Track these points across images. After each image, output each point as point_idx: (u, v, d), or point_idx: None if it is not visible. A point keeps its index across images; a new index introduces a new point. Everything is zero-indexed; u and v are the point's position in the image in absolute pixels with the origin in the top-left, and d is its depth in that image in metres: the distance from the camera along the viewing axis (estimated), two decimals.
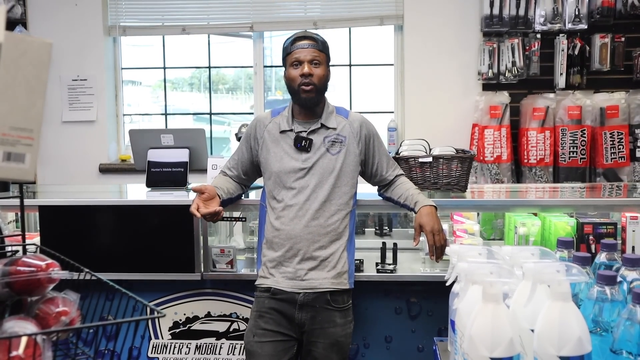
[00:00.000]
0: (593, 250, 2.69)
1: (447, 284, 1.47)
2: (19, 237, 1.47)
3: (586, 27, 4.46)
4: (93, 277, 1.27)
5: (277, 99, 5.36)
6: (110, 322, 1.00)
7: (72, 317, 1.11)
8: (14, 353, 0.95)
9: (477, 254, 1.43)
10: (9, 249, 1.48)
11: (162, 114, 5.32)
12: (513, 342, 1.18)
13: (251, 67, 5.16)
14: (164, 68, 5.28)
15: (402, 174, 2.72)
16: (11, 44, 0.90)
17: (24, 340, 0.98)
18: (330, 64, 2.60)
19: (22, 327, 1.04)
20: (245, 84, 5.45)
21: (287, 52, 2.56)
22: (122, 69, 5.23)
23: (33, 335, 0.98)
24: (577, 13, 4.45)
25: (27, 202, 2.96)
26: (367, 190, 2.80)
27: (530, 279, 1.25)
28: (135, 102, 5.38)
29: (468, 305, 1.29)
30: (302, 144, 2.53)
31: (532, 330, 1.23)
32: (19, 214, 3.00)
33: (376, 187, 2.78)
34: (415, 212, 2.58)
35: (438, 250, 2.51)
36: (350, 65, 5.08)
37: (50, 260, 1.16)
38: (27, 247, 1.46)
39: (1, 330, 1.02)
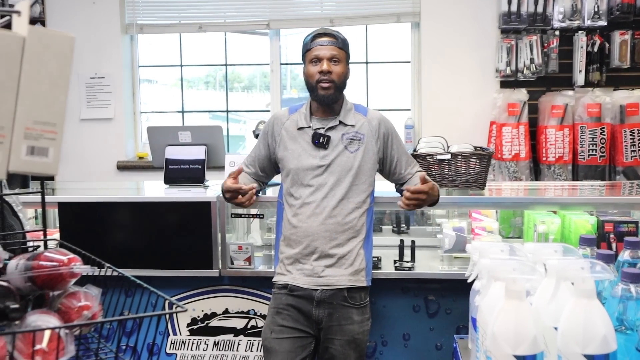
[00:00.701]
0: (614, 249, 2.66)
1: (469, 280, 1.45)
2: (40, 233, 1.48)
3: (606, 23, 4.41)
4: (115, 273, 1.27)
5: (292, 97, 5.36)
6: (132, 317, 1.00)
7: (94, 311, 1.12)
8: (37, 346, 0.96)
9: (499, 250, 1.42)
10: (31, 244, 1.50)
11: (178, 112, 5.34)
12: (537, 340, 1.17)
13: (267, 64, 5.16)
14: (181, 66, 5.29)
15: (420, 171, 2.70)
16: (34, 38, 0.91)
17: (47, 333, 0.98)
18: (349, 61, 2.59)
19: (45, 321, 1.04)
20: (261, 82, 5.45)
21: (306, 48, 2.55)
22: (139, 66, 5.25)
23: (56, 329, 0.98)
24: (596, 9, 4.40)
25: (46, 198, 2.97)
26: (384, 188, 2.79)
27: (553, 276, 1.24)
28: (152, 100, 5.40)
29: (490, 303, 1.27)
30: (320, 141, 2.53)
31: (556, 328, 1.21)
32: (40, 210, 3.03)
33: (394, 184, 2.77)
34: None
35: (413, 196, 2.51)
36: (367, 63, 5.06)
37: (72, 255, 1.17)
38: (48, 242, 1.47)
39: (24, 324, 1.03)
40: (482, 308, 1.31)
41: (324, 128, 2.55)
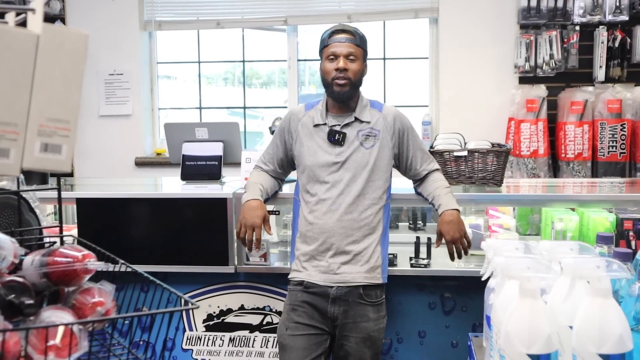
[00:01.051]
0: (633, 247, 2.63)
1: (483, 278, 1.44)
2: (57, 229, 1.49)
3: (627, 18, 4.36)
4: (128, 269, 1.28)
5: (310, 93, 5.36)
6: (144, 313, 1.01)
7: (107, 307, 1.12)
8: (51, 342, 0.97)
9: (513, 248, 1.41)
10: (47, 240, 1.51)
11: (196, 108, 5.36)
12: (551, 339, 1.16)
13: (285, 61, 5.16)
14: (199, 62, 5.31)
15: (437, 169, 2.69)
16: (49, 35, 0.91)
17: (60, 329, 0.99)
18: (367, 58, 2.58)
19: (59, 316, 1.05)
20: (279, 78, 5.45)
21: (324, 44, 2.55)
22: (158, 63, 5.28)
23: (69, 325, 0.99)
24: (617, 4, 4.34)
25: (64, 194, 3.00)
26: (401, 185, 2.78)
27: (569, 275, 1.22)
28: (171, 96, 5.43)
29: (504, 301, 1.27)
30: (336, 138, 2.52)
31: (571, 327, 1.20)
32: (57, 206, 3.05)
33: (411, 181, 2.76)
34: (439, 215, 2.56)
35: (459, 254, 2.53)
36: (384, 59, 5.05)
37: (86, 252, 1.17)
38: (64, 238, 1.48)
39: (39, 319, 1.04)
40: (496, 306, 1.30)
41: (339, 125, 2.54)
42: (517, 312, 1.18)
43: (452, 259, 2.53)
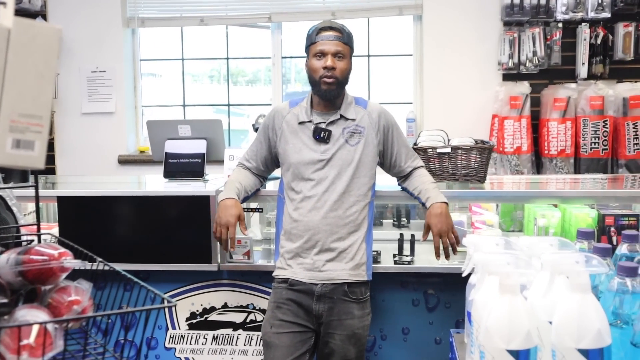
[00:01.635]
0: (614, 243, 2.64)
1: (464, 274, 1.44)
2: (35, 227, 1.47)
3: (609, 15, 4.38)
4: (106, 267, 1.27)
5: (296, 90, 5.34)
6: (120, 312, 0.99)
7: (84, 306, 1.11)
8: (24, 341, 0.95)
9: (494, 244, 1.41)
10: (25, 238, 1.49)
11: (180, 106, 5.33)
12: (530, 334, 1.16)
13: (269, 58, 5.14)
14: (182, 60, 5.28)
15: (422, 166, 2.69)
16: (20, 29, 0.90)
17: (35, 328, 0.98)
18: (353, 56, 2.58)
19: (33, 315, 1.03)
20: (265, 76, 5.43)
21: (311, 41, 2.53)
22: (141, 60, 5.25)
23: (43, 324, 0.97)
24: (600, 1, 4.37)
25: (46, 192, 2.98)
26: (385, 182, 2.78)
27: (548, 270, 1.23)
28: (156, 94, 5.39)
29: (484, 297, 1.27)
30: (322, 136, 2.51)
31: (550, 323, 1.20)
32: (35, 203, 3.02)
33: (395, 178, 2.76)
34: (426, 208, 2.55)
35: (446, 250, 2.49)
36: (368, 56, 5.05)
37: (63, 249, 1.16)
38: (42, 236, 1.47)
39: (13, 318, 1.02)
40: (477, 302, 1.30)
41: (325, 122, 2.53)
42: (497, 308, 1.18)
43: (438, 254, 2.48)
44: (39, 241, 1.45)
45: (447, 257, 2.50)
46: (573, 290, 1.16)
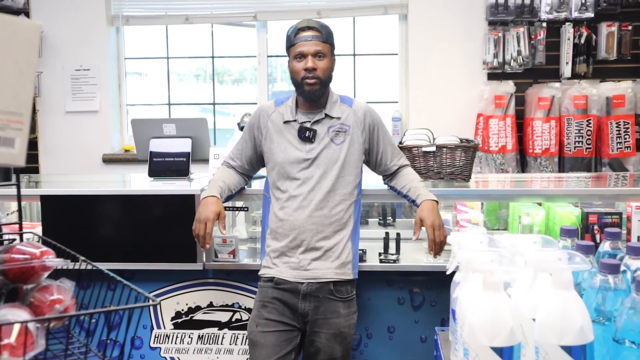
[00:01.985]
0: (598, 240, 2.66)
1: (448, 272, 1.45)
2: (17, 226, 1.46)
3: (593, 15, 4.42)
4: (89, 266, 1.26)
5: (282, 89, 5.33)
6: (101, 310, 0.99)
7: (66, 305, 1.10)
8: (5, 341, 0.94)
9: (478, 242, 1.41)
10: (6, 237, 1.48)
11: (166, 104, 5.31)
12: (514, 331, 1.17)
13: (254, 57, 5.13)
14: (167, 58, 5.26)
15: (408, 165, 2.70)
16: (0, 25, 0.89)
17: (16, 327, 0.97)
18: (334, 52, 2.57)
19: (15, 315, 1.02)
20: (252, 75, 5.42)
21: (290, 43, 2.52)
22: (126, 58, 5.22)
23: (24, 323, 0.96)
24: (583, 1, 4.41)
25: (29, 192, 2.96)
26: (371, 180, 2.78)
27: (531, 268, 1.23)
28: (141, 93, 5.36)
29: (468, 294, 1.27)
30: (307, 135, 2.51)
31: (534, 320, 1.21)
32: (24, 203, 2.99)
33: (381, 177, 2.76)
34: (417, 206, 2.55)
35: (437, 246, 2.49)
36: (354, 55, 5.05)
37: (44, 248, 1.15)
38: (24, 235, 1.45)
39: None
40: (461, 300, 1.31)
41: (310, 121, 2.53)
42: (481, 305, 1.19)
43: (432, 248, 2.47)
44: (21, 240, 1.44)
45: (437, 253, 2.50)
46: (556, 288, 1.17)
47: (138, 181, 3.53)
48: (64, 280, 1.18)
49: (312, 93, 2.49)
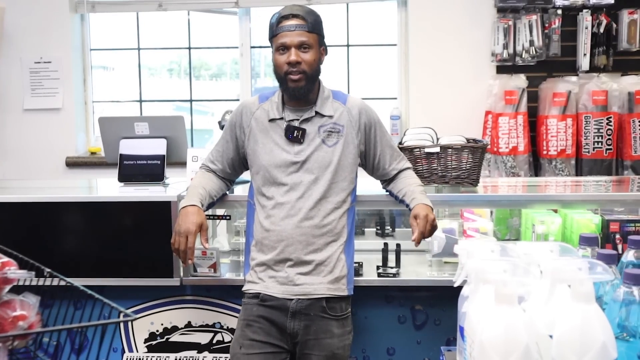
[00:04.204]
0: (620, 251, 2.69)
1: (456, 284, 1.46)
2: None
3: (613, 1, 4.45)
4: (56, 279, 1.26)
5: (267, 85, 5.34)
6: (73, 326, 0.99)
7: (30, 321, 1.11)
8: None
9: (489, 251, 1.43)
10: None
11: (136, 101, 5.30)
12: (529, 349, 1.18)
13: (236, 48, 5.14)
14: (138, 49, 5.26)
15: (409, 167, 2.71)
16: None
17: None
18: (324, 41, 2.57)
19: None
20: (231, 69, 5.43)
21: (272, 33, 2.52)
22: (91, 50, 5.21)
23: None
24: None
25: None
26: (366, 185, 2.79)
27: (548, 279, 1.25)
28: (108, 89, 5.35)
29: (479, 309, 1.28)
30: (295, 135, 2.52)
31: (551, 336, 1.23)
32: None
33: (379, 181, 2.77)
34: (410, 209, 2.56)
35: (425, 233, 2.46)
36: (348, 46, 5.07)
37: (6, 259, 1.15)
38: None
39: None
40: (470, 315, 1.32)
41: (298, 120, 2.54)
42: (493, 320, 1.20)
43: (419, 238, 2.44)
44: None
45: (421, 239, 2.46)
46: (575, 300, 1.19)
47: (106, 187, 3.53)
48: (27, 294, 1.19)
49: (297, 90, 2.49)
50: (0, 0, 4.86)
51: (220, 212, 2.94)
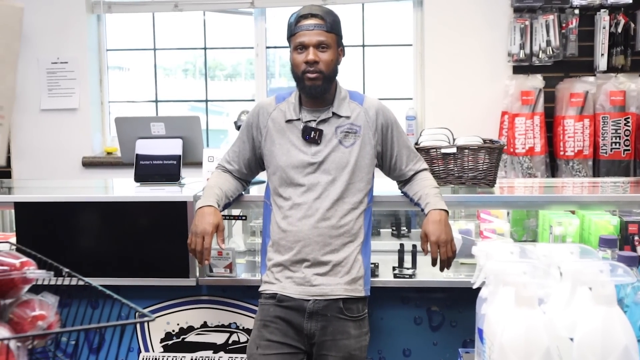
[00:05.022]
0: (639, 252, 2.66)
1: (475, 286, 1.45)
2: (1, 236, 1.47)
3: (631, 1, 4.42)
4: (74, 279, 1.26)
5: (281, 86, 5.35)
6: (93, 327, 0.99)
7: (49, 321, 1.11)
8: None
9: (508, 252, 1.42)
10: None
11: (152, 101, 5.32)
12: (550, 352, 1.17)
13: (252, 48, 5.14)
14: (154, 50, 5.28)
15: (425, 169, 2.70)
16: None
17: None
18: (342, 42, 2.57)
19: None
20: (246, 70, 5.44)
21: (291, 32, 2.53)
22: (107, 50, 5.24)
23: (6, 341, 0.97)
24: None
25: (1, 198, 2.97)
26: (382, 186, 2.78)
27: (569, 281, 1.24)
28: (124, 89, 5.38)
29: (498, 311, 1.27)
30: (312, 136, 2.51)
31: (571, 339, 1.21)
32: None
33: (395, 182, 2.76)
34: (425, 213, 2.55)
35: (443, 263, 2.49)
36: (363, 46, 5.07)
37: (25, 259, 1.16)
38: (0, 245, 1.46)
39: None
40: (489, 317, 1.31)
41: (315, 120, 2.54)
42: (513, 322, 1.19)
43: (435, 264, 2.49)
44: None
45: (443, 268, 2.51)
46: (597, 303, 1.18)
47: (123, 187, 3.54)
48: (46, 294, 1.19)
49: (314, 89, 2.49)
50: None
51: (235, 212, 2.94)
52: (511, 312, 1.20)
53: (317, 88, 2.49)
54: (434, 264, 2.50)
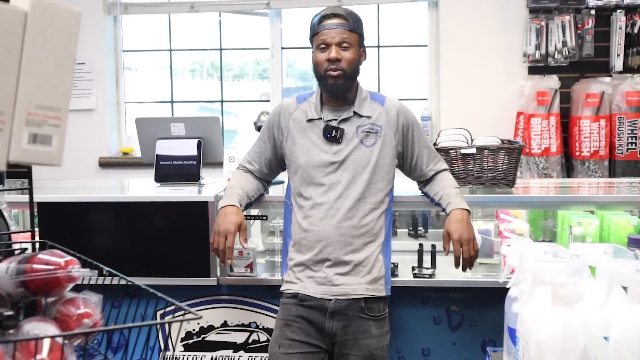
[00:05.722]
0: None
1: (508, 286, 1.46)
2: (28, 234, 1.49)
3: None
4: (116, 278, 1.28)
5: (289, 86, 5.35)
6: (146, 324, 1.01)
7: (95, 319, 1.13)
8: (38, 356, 0.97)
9: (541, 252, 1.43)
10: (17, 246, 1.50)
11: (168, 102, 5.34)
12: (587, 351, 1.18)
13: (267, 49, 5.16)
14: (170, 50, 5.30)
15: (445, 169, 2.71)
16: (38, 12, 0.91)
17: (47, 343, 0.99)
18: (364, 43, 2.60)
19: (43, 329, 1.05)
20: (253, 70, 5.45)
21: (314, 31, 2.55)
22: (124, 51, 5.26)
23: (57, 338, 0.99)
24: None
25: (20, 198, 2.99)
26: (402, 187, 2.79)
27: (604, 280, 1.25)
28: (137, 89, 5.40)
29: (534, 310, 1.28)
30: (333, 135, 2.53)
31: (606, 339, 1.22)
32: (29, 208, 3.01)
33: (415, 182, 2.78)
34: (446, 214, 2.57)
35: (466, 262, 2.51)
36: (378, 47, 5.08)
37: (69, 258, 1.17)
38: (36, 244, 1.48)
39: (21, 332, 1.04)
40: (524, 316, 1.32)
41: (336, 120, 2.55)
42: (550, 321, 1.20)
43: (458, 264, 2.51)
44: (34, 249, 1.47)
45: (466, 268, 2.52)
46: (633, 302, 1.18)
47: (144, 187, 3.56)
48: (88, 292, 1.21)
49: (336, 87, 2.51)
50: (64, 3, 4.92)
51: (255, 212, 2.96)
52: (548, 311, 1.21)
53: (339, 86, 2.51)
54: (457, 263, 2.51)
